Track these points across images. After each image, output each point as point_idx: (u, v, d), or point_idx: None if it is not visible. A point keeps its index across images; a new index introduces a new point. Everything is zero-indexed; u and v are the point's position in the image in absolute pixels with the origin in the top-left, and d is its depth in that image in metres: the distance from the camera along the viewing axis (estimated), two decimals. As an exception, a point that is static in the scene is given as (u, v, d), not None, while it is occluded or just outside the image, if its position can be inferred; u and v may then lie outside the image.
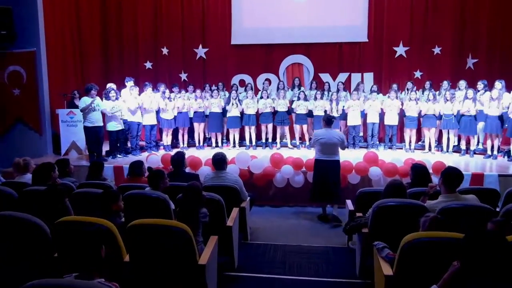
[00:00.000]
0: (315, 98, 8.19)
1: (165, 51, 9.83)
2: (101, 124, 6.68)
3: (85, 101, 6.47)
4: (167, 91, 7.95)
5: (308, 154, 6.66)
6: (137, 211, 3.16)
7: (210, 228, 3.01)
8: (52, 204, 2.75)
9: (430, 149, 7.71)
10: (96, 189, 3.35)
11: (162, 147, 8.17)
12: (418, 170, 3.82)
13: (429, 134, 7.63)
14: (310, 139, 8.84)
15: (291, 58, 9.48)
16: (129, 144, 7.53)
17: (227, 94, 8.58)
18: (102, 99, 6.88)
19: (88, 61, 9.32)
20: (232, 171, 5.41)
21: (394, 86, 8.16)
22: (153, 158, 6.01)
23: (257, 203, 5.62)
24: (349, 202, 4.20)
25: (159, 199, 3.12)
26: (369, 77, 9.15)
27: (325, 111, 7.93)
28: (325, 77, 9.23)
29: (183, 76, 9.85)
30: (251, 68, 9.59)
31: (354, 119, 7.99)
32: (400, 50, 9.08)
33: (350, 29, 9.20)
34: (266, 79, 9.06)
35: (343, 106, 8.10)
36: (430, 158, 6.58)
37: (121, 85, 7.80)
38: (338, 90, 8.37)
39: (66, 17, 8.56)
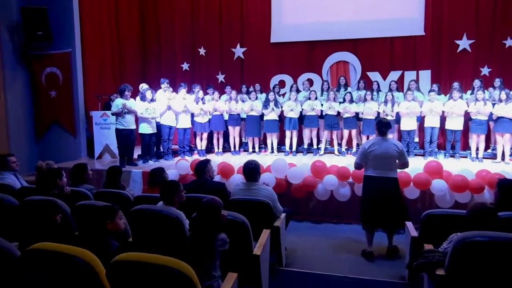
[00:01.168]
0: (364, 100, 7.31)
1: (202, 51, 9.46)
2: (134, 126, 6.35)
3: (117, 104, 6.17)
4: (201, 92, 7.48)
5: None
6: (145, 231, 2.62)
7: (232, 257, 2.38)
8: (40, 221, 2.29)
9: (503, 158, 6.51)
10: (102, 201, 2.85)
11: (196, 151, 7.72)
12: (508, 188, 2.91)
13: (503, 141, 6.43)
14: (358, 145, 8.00)
15: (336, 56, 8.66)
16: (161, 148, 7.15)
17: (264, 96, 7.94)
18: (135, 100, 6.58)
19: (126, 62, 9.19)
20: (268, 181, 4.78)
21: (456, 84, 7.04)
22: (183, 164, 5.52)
23: (295, 218, 4.92)
24: (410, 226, 3.35)
25: (171, 217, 2.54)
26: (425, 75, 8.08)
27: (378, 115, 7.03)
28: (374, 76, 8.31)
29: (221, 77, 9.40)
30: (291, 68, 8.91)
31: (409, 123, 7.00)
32: (464, 43, 7.91)
33: (404, 22, 8.20)
34: (308, 79, 8.32)
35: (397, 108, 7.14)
36: (507, 169, 5.46)
37: (157, 87, 7.47)
38: (390, 90, 7.40)
39: (105, 18, 8.46)
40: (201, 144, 7.62)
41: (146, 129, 6.56)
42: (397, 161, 3.91)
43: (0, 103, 6.72)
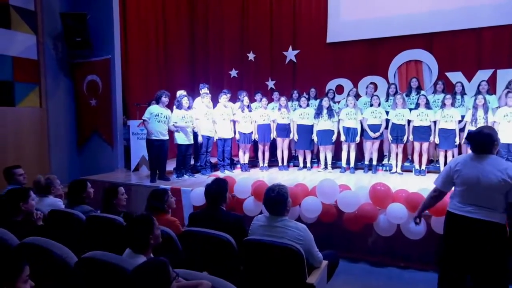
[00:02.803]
0: (443, 105, 5.85)
1: (251, 56, 8.71)
2: (166, 137, 5.72)
3: (150, 111, 5.60)
4: (246, 98, 6.65)
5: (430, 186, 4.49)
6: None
7: None
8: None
9: None
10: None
11: (238, 165, 6.89)
12: None
13: None
14: (431, 161, 6.51)
15: (406, 55, 7.27)
16: (199, 162, 6.43)
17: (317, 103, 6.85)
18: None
19: (173, 70, 8.78)
20: (312, 207, 3.72)
21: None
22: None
23: (348, 256, 3.76)
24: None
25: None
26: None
27: (464, 125, 5.59)
28: (456, 76, 6.74)
29: (270, 83, 8.53)
30: (351, 71, 7.71)
31: (509, 134, 5.38)
32: None
33: (496, 9, 6.55)
34: (371, 83, 7.04)
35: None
36: None
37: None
38: (478, 93, 5.84)
39: (152, 24, 8.14)
40: (244, 157, 6.76)
41: (182, 139, 5.89)
42: (504, 195, 2.41)
43: (42, 112, 6.59)
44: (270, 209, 2.47)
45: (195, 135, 6.17)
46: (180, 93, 6.28)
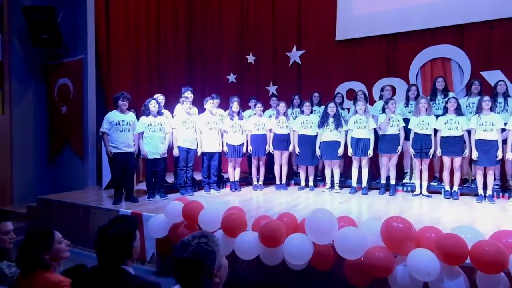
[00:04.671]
0: (479, 110, 4.62)
1: (251, 58, 7.70)
2: (131, 149, 4.72)
3: (108, 119, 4.63)
4: (236, 104, 5.60)
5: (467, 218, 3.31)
6: None
7: None
8: None
9: None
10: None
11: (228, 184, 5.80)
12: None
13: None
14: (465, 181, 5.22)
15: (430, 52, 6.06)
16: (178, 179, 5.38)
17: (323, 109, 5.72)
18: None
19: (167, 74, 7.86)
20: (299, 247, 2.60)
21: None
22: (174, 207, 3.57)
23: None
24: None
25: None
26: None
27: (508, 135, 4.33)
28: (494, 76, 5.47)
29: (272, 89, 7.46)
30: (364, 72, 6.56)
31: None
32: None
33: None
34: (388, 86, 5.84)
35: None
36: None
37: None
38: (527, 94, 4.59)
39: (143, 22, 7.26)
40: (234, 173, 5.67)
41: (152, 152, 4.86)
42: None
43: (4, 120, 5.76)
44: (180, 280, 1.35)
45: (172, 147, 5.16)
46: (156, 96, 5.29)
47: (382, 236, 2.65)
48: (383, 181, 5.31)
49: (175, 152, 5.09)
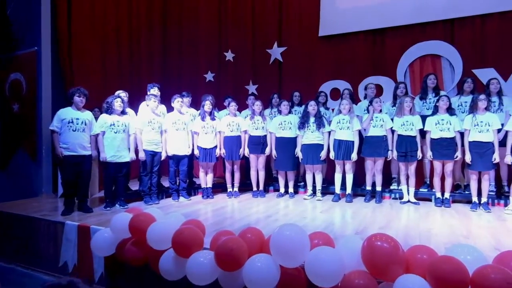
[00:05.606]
0: (473, 109, 4.19)
1: (229, 56, 7.20)
2: (87, 151, 4.14)
3: (59, 116, 4.06)
4: (208, 103, 5.07)
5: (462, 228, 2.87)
6: None
7: None
8: None
9: None
10: None
11: (200, 191, 5.26)
12: None
13: None
14: (457, 187, 4.79)
15: (419, 48, 5.64)
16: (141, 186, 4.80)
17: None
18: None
19: (140, 72, 7.29)
20: (260, 274, 2.08)
21: None
22: (120, 220, 3.01)
23: None
24: None
25: None
26: None
27: (504, 137, 3.92)
28: (487, 73, 5.06)
29: (252, 88, 6.96)
30: (350, 70, 6.12)
31: None
32: None
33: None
34: (372, 84, 5.39)
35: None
36: None
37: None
38: (524, 92, 4.18)
39: (112, 15, 6.70)
40: (206, 179, 5.13)
41: (112, 156, 4.29)
42: None
43: None
44: None
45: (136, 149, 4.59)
46: (118, 93, 4.74)
47: (363, 259, 2.14)
48: (368, 188, 4.85)
49: (141, 155, 4.53)
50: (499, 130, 4.12)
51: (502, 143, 4.17)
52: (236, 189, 5.26)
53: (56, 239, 3.70)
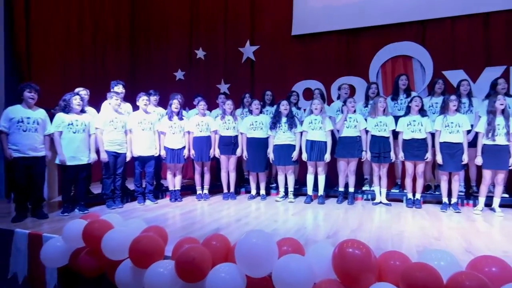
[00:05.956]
0: (444, 110, 4.19)
1: (200, 54, 6.97)
2: (39, 153, 3.81)
3: (8, 115, 3.71)
4: (176, 102, 4.83)
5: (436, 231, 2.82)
6: None
7: None
8: None
9: None
10: None
11: (168, 193, 5.01)
12: None
13: None
14: (427, 187, 4.80)
15: (391, 49, 5.65)
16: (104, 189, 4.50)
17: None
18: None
19: (106, 68, 6.93)
20: (225, 284, 1.90)
21: None
22: (74, 228, 2.73)
23: None
24: None
25: None
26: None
27: (474, 138, 3.94)
28: (457, 75, 5.12)
29: (223, 87, 6.77)
30: (323, 70, 6.05)
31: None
32: None
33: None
34: (346, 84, 5.34)
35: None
36: None
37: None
38: (492, 93, 4.22)
39: (75, 10, 6.33)
40: (174, 181, 4.89)
41: (71, 158, 3.98)
42: None
43: None
44: None
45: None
46: (78, 90, 4.42)
47: (334, 266, 2.00)
48: (341, 189, 4.77)
49: (103, 156, 4.23)
50: (468, 131, 4.14)
51: (472, 144, 4.21)
52: (206, 191, 5.04)
53: (5, 248, 3.36)
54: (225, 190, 5.06)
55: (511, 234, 3.28)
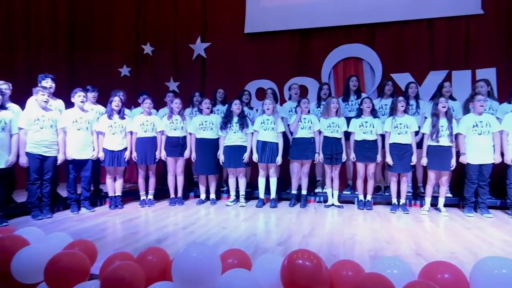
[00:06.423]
0: (393, 112, 4.22)
1: (148, 49, 6.54)
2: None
3: None
4: (117, 99, 4.41)
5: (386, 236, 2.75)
6: None
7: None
8: None
9: None
10: None
11: (108, 200, 4.56)
12: None
13: None
14: (377, 189, 4.83)
15: (342, 51, 5.67)
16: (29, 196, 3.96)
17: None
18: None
19: (39, 61, 6.25)
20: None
21: None
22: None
23: None
24: None
25: None
26: (487, 74, 4.93)
27: (421, 139, 3.98)
28: (404, 78, 5.23)
29: (173, 85, 6.40)
30: (276, 69, 5.92)
31: (481, 152, 3.90)
32: (550, 25, 4.89)
33: (449, -4, 5.24)
34: (295, 84, 5.19)
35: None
36: None
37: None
38: (438, 96, 4.32)
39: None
40: (115, 186, 4.46)
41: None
42: None
43: None
44: None
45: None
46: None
47: (283, 280, 1.80)
48: (294, 191, 4.64)
49: (22, 161, 3.71)
50: (416, 133, 4.20)
51: (419, 145, 4.28)
52: (150, 196, 4.67)
53: None
54: (172, 195, 4.72)
55: (456, 234, 3.33)
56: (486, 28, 5.11)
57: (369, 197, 4.44)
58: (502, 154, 3.96)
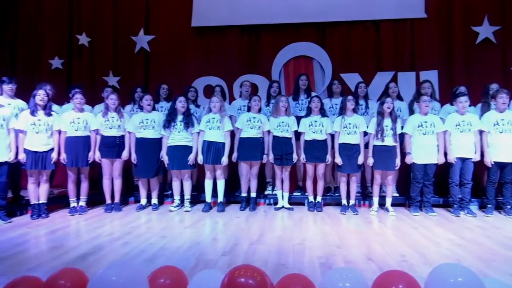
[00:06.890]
0: (342, 111, 4.14)
1: (83, 40, 5.93)
2: None
3: None
4: (42, 94, 3.86)
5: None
6: None
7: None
8: None
9: None
10: None
11: (30, 209, 3.97)
12: None
13: None
14: (327, 189, 4.75)
15: (293, 49, 5.55)
16: None
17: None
18: None
19: None
20: None
21: (462, 88, 4.29)
22: None
23: None
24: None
25: None
26: (430, 76, 5.05)
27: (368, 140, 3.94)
28: (353, 78, 5.22)
29: (112, 80, 5.86)
30: (224, 66, 5.65)
31: (425, 152, 3.95)
32: (485, 31, 5.14)
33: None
34: (247, 81, 4.97)
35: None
36: None
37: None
38: (386, 95, 4.34)
39: None
40: (39, 192, 3.90)
41: None
42: None
43: None
44: None
45: None
46: None
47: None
48: (244, 194, 4.40)
49: None
50: (365, 133, 4.16)
51: (366, 145, 4.25)
52: (82, 203, 4.16)
53: None
54: (108, 201, 4.25)
55: (404, 235, 3.29)
56: (429, 31, 5.26)
57: (319, 198, 4.33)
58: (445, 154, 4.05)
